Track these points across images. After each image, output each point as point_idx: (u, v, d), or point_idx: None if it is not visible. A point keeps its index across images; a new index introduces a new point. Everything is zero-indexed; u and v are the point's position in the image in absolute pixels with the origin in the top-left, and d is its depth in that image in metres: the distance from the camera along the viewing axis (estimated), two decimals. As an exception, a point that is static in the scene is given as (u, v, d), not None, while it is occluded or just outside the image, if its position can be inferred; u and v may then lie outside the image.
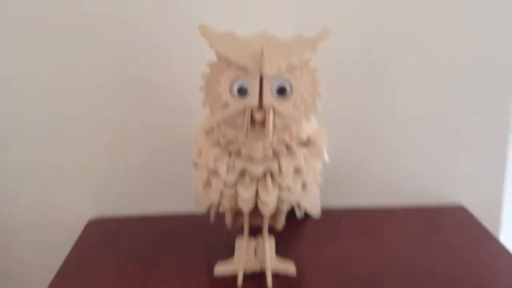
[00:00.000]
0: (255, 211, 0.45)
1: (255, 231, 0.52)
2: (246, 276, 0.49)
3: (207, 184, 0.45)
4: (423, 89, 0.64)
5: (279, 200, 0.43)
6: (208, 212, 0.52)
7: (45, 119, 0.63)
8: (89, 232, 0.65)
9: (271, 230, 0.52)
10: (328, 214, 0.64)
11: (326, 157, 0.45)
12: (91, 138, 0.65)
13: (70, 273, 0.55)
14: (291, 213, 0.55)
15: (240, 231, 0.52)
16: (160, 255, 0.57)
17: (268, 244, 0.50)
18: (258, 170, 0.42)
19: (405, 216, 0.66)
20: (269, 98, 0.39)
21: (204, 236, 0.60)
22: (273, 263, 0.50)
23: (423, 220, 0.65)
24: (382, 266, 0.53)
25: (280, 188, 0.43)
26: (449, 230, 0.62)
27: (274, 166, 0.42)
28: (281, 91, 0.39)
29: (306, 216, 0.62)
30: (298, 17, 0.58)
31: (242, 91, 0.39)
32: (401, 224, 0.64)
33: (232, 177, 0.42)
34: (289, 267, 0.50)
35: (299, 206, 0.49)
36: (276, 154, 0.42)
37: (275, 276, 0.49)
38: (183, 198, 0.63)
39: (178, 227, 0.64)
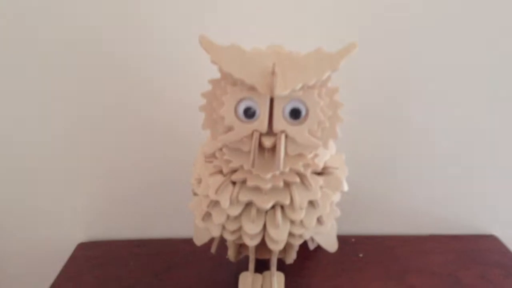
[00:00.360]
0: (262, 244, 0.41)
1: (262, 265, 0.48)
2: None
3: (207, 216, 0.40)
4: (453, 115, 0.59)
5: (290, 236, 0.39)
6: (209, 240, 0.48)
7: (38, 141, 0.60)
8: (78, 256, 0.62)
9: (280, 264, 0.48)
10: (345, 242, 0.60)
11: (345, 187, 0.41)
12: (84, 161, 0.62)
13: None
14: (303, 242, 0.51)
15: (245, 263, 0.49)
16: (153, 284, 0.53)
17: (277, 281, 0.46)
18: (266, 204, 0.37)
19: (432, 246, 0.62)
20: (281, 122, 0.34)
21: (203, 265, 0.57)
22: (282, 303, 0.46)
23: (452, 251, 0.61)
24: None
25: (291, 223, 0.39)
26: (480, 262, 0.58)
27: (285, 199, 0.38)
28: (295, 114, 0.35)
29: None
30: (316, 29, 0.53)
31: (249, 113, 0.35)
32: (427, 254, 0.60)
33: (236, 210, 0.38)
34: (299, 307, 0.46)
35: (312, 239, 0.45)
36: (287, 185, 0.38)
37: (284, 317, 0.45)
38: (178, 223, 0.60)
39: (174, 254, 0.60)
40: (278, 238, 0.38)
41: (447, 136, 0.61)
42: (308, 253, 0.57)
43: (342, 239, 0.55)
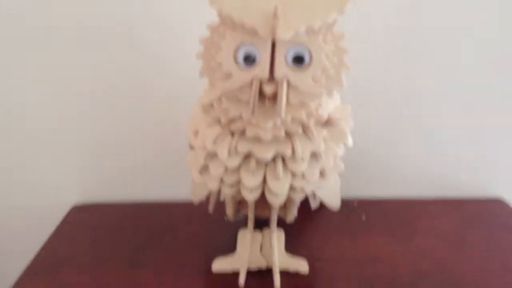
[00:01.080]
0: (262, 201, 0.42)
1: (261, 224, 0.50)
2: (249, 274, 0.46)
3: (205, 169, 0.41)
4: (464, 72, 0.59)
5: (291, 189, 0.40)
6: (207, 199, 0.49)
7: (30, 100, 0.60)
8: (72, 219, 0.63)
9: (280, 222, 0.49)
10: (348, 205, 0.61)
11: (350, 141, 0.42)
12: (79, 118, 0.62)
13: (47, 261, 0.53)
14: (304, 201, 0.52)
15: (244, 222, 0.50)
16: (150, 247, 0.55)
17: (277, 237, 0.47)
18: (266, 154, 0.38)
19: (438, 209, 0.63)
20: (283, 68, 0.34)
21: (201, 226, 0.58)
22: (281, 259, 0.47)
23: (459, 214, 0.62)
24: (409, 267, 0.50)
25: (293, 175, 0.39)
26: (487, 225, 0.59)
27: (287, 149, 0.38)
28: (298, 60, 0.35)
29: (322, 205, 0.60)
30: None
31: (249, 59, 0.35)
32: (433, 218, 0.61)
33: (234, 161, 0.39)
34: (300, 264, 0.48)
35: (314, 196, 0.46)
36: (289, 135, 0.38)
37: (284, 274, 0.46)
38: (178, 184, 0.61)
39: (172, 216, 0.61)
40: (278, 191, 0.39)
41: (453, 96, 0.61)
42: (309, 215, 0.58)
43: (344, 203, 0.56)
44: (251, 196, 0.40)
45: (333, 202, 0.47)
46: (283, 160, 0.39)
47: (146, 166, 0.66)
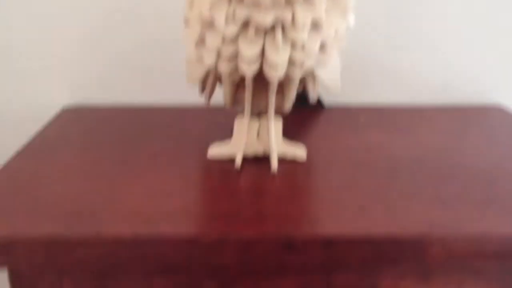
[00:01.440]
0: (260, 81, 0.42)
1: (258, 114, 0.49)
2: (246, 160, 0.46)
3: (200, 42, 0.40)
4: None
5: (291, 62, 0.39)
6: (202, 87, 0.49)
7: None
8: (62, 120, 0.62)
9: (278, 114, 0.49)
10: (346, 110, 0.62)
11: (352, 19, 0.40)
12: (72, 12, 0.61)
13: (41, 145, 0.53)
14: (301, 99, 0.52)
15: (240, 113, 0.49)
16: (144, 139, 0.54)
17: (274, 124, 0.47)
18: (265, 19, 0.36)
19: (437, 114, 0.64)
20: None
21: (197, 127, 0.58)
22: (279, 144, 0.47)
23: (456, 118, 0.62)
24: (407, 154, 0.50)
25: (292, 45, 0.38)
26: (485, 128, 0.59)
27: (287, 16, 0.37)
28: None
29: (319, 104, 0.60)
30: None
31: None
32: (433, 121, 0.61)
33: (232, 29, 0.37)
34: (298, 151, 0.48)
35: (313, 79, 0.45)
36: (290, 2, 0.37)
37: (281, 160, 0.46)
38: (170, 87, 0.62)
39: (168, 118, 0.61)
40: (278, 61, 0.38)
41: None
42: (308, 113, 0.58)
43: (341, 108, 0.55)
44: (249, 70, 0.39)
45: (333, 86, 0.46)
46: (283, 29, 0.38)
47: (141, 67, 0.65)
